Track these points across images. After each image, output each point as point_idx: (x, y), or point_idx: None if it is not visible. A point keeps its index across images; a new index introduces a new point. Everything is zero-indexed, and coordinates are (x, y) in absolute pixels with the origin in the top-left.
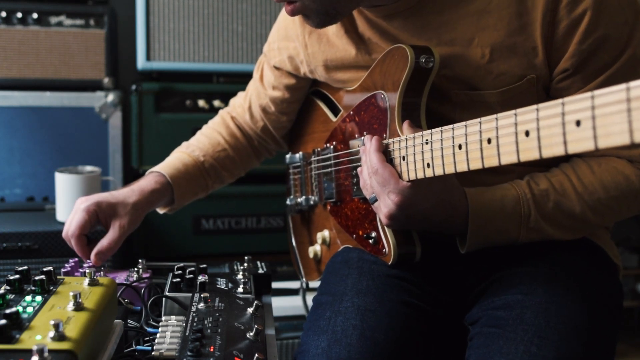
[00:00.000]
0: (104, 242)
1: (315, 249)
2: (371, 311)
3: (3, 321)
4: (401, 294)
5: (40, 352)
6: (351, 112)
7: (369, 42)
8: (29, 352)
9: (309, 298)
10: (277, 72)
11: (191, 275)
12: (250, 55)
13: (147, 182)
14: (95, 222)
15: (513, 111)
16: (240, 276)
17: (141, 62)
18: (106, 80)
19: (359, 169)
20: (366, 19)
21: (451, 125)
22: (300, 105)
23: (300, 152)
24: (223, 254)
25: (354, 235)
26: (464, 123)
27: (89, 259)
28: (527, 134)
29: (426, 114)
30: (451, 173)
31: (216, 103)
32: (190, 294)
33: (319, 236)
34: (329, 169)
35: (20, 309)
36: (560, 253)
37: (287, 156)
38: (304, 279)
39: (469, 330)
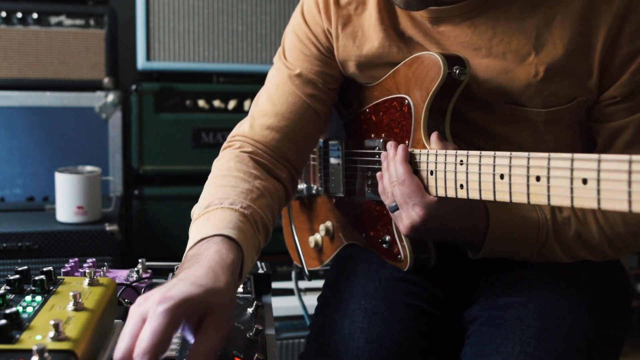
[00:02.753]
0: (196, 353)
1: (316, 238)
2: (378, 314)
3: (3, 321)
4: (407, 296)
5: (40, 352)
6: (367, 110)
7: (410, 41)
8: (29, 352)
9: (306, 298)
10: (310, 46)
11: None
12: (250, 55)
13: (217, 250)
14: (178, 328)
15: (569, 155)
16: None
17: (141, 62)
18: (106, 80)
19: (378, 174)
20: (409, 17)
21: (492, 153)
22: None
23: None
24: None
25: (364, 235)
26: (507, 153)
27: None
28: (584, 182)
29: (463, 119)
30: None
31: (216, 103)
32: None
33: (322, 227)
34: (338, 162)
35: (20, 309)
36: None
37: None
38: (305, 267)
39: (468, 328)
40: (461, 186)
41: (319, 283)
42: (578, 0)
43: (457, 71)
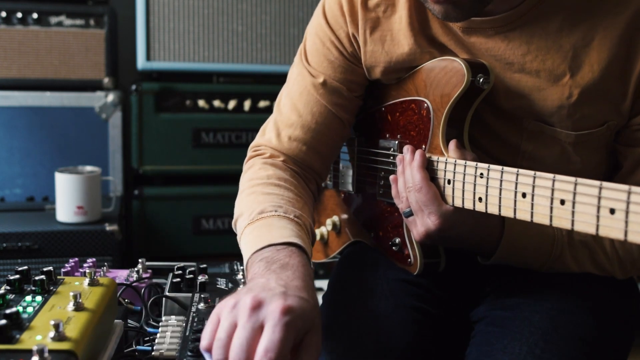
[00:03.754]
0: None
1: (322, 231)
2: (385, 316)
3: (3, 321)
4: (415, 299)
5: (40, 352)
6: (382, 109)
7: (442, 48)
8: (29, 352)
9: None
10: (336, 51)
11: (191, 275)
12: (250, 55)
13: (300, 261)
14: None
15: (598, 183)
16: (240, 276)
17: (141, 62)
18: (106, 80)
19: (392, 177)
20: (441, 23)
21: (515, 170)
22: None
23: None
24: (223, 254)
25: (372, 234)
26: (532, 173)
27: None
28: (612, 212)
29: (488, 130)
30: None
31: (216, 103)
32: (191, 294)
33: (329, 221)
34: (349, 158)
35: (20, 309)
36: None
37: None
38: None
39: (473, 328)
40: (480, 199)
41: (321, 283)
42: (620, 23)
43: (481, 80)
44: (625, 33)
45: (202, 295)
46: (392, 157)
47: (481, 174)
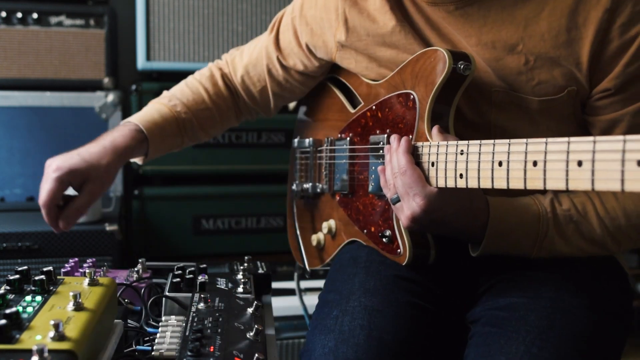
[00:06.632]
0: (71, 208)
1: (318, 236)
2: (378, 311)
3: (3, 321)
4: (408, 294)
5: (40, 352)
6: (373, 107)
7: (414, 25)
8: (29, 352)
9: (307, 298)
10: (296, 42)
11: (191, 275)
12: None
13: (122, 136)
14: (66, 189)
15: (566, 139)
16: (240, 276)
17: (141, 62)
18: (106, 80)
19: (379, 168)
20: (411, 0)
21: (492, 141)
22: (309, 88)
23: (311, 138)
24: (223, 254)
25: (365, 230)
26: (507, 140)
27: (59, 227)
28: (579, 164)
29: (460, 114)
30: (487, 188)
31: None
32: (190, 294)
33: (325, 225)
34: (343, 161)
35: (20, 309)
36: (571, 259)
37: (296, 140)
38: (307, 266)
39: (470, 329)
40: (460, 175)
41: (320, 283)
42: None
43: (462, 66)
44: (572, 4)
45: (202, 295)
46: (381, 151)
47: (461, 151)
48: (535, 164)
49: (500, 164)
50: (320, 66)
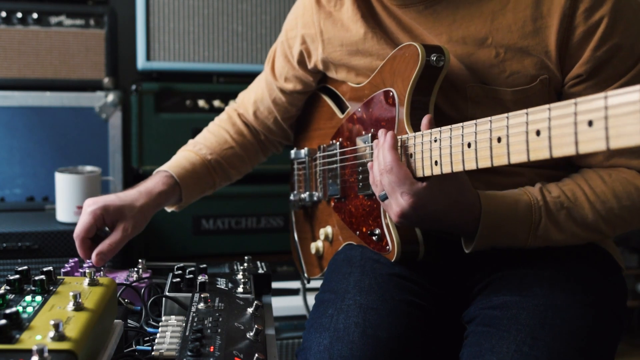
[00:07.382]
0: (105, 244)
1: (317, 244)
2: (373, 309)
3: (3, 321)
4: (403, 292)
5: (40, 352)
6: (359, 109)
7: (386, 29)
8: (29, 352)
9: (310, 298)
10: (289, 65)
11: (191, 275)
12: (250, 55)
13: (154, 183)
14: (102, 225)
15: (524, 110)
16: (240, 276)
17: (141, 62)
18: (106, 80)
19: (369, 164)
20: (383, 6)
21: (461, 124)
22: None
23: (306, 148)
24: (223, 254)
25: (358, 232)
26: (474, 122)
27: (90, 259)
28: (537, 133)
29: (439, 111)
30: (459, 171)
31: (216, 103)
32: (190, 294)
33: (322, 232)
34: (334, 166)
35: (20, 309)
36: (564, 255)
37: (292, 152)
38: (306, 275)
39: (466, 328)
40: (435, 162)
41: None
42: None
43: (435, 58)
44: None
45: (202, 295)
46: (368, 149)
47: (435, 138)
48: (499, 140)
49: (469, 145)
50: (314, 79)
